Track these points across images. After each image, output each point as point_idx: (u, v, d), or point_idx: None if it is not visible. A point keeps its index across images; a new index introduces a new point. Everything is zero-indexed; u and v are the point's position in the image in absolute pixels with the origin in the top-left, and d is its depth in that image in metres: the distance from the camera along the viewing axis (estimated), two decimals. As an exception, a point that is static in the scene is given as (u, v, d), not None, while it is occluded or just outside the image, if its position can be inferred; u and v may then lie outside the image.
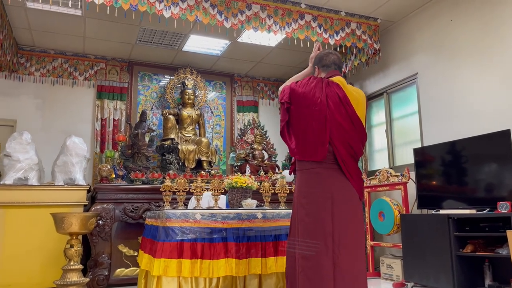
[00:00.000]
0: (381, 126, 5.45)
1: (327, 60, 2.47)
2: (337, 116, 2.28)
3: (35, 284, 4.22)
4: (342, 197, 2.22)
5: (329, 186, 2.22)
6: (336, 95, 2.32)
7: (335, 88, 2.32)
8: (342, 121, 2.29)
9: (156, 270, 2.79)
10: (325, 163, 2.25)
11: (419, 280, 3.83)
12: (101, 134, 5.74)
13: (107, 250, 4.30)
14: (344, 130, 2.28)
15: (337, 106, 2.29)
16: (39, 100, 5.58)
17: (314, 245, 2.13)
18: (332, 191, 2.21)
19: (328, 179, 2.24)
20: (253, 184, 3.59)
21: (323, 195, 2.20)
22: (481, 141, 3.65)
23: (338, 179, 2.25)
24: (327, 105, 2.26)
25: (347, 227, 2.19)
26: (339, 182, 2.24)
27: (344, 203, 2.22)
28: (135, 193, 4.54)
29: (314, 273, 2.10)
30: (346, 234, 2.18)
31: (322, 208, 2.19)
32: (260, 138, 5.89)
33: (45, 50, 5.66)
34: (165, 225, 2.91)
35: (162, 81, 6.24)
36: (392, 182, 4.47)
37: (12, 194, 4.29)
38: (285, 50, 5.78)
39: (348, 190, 2.25)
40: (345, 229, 2.18)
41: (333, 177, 2.25)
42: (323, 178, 2.24)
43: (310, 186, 2.26)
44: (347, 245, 2.16)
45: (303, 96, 2.30)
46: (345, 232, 2.18)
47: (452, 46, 4.30)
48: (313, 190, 2.24)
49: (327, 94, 2.29)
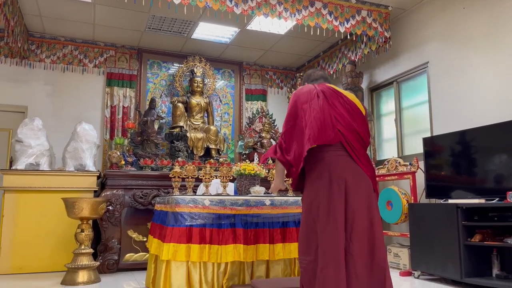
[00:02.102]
0: (390, 115, 5.42)
1: (315, 75, 2.58)
2: (337, 104, 2.32)
3: (46, 267, 4.31)
4: (356, 184, 2.20)
5: (342, 173, 2.20)
6: (330, 89, 2.38)
7: (327, 87, 2.40)
8: (342, 109, 2.33)
9: (165, 254, 2.83)
10: (335, 151, 2.25)
11: (426, 269, 3.83)
12: (111, 121, 5.79)
13: (116, 235, 4.37)
14: (347, 117, 2.31)
15: (334, 97, 2.35)
16: (49, 87, 5.63)
17: (326, 231, 2.12)
18: (345, 177, 2.19)
19: (339, 164, 2.23)
20: (261, 172, 3.60)
21: (336, 181, 2.18)
22: (491, 131, 3.62)
23: (350, 165, 2.24)
24: (324, 97, 2.32)
25: (360, 214, 2.16)
26: (351, 168, 2.23)
27: (358, 190, 2.19)
28: (144, 180, 4.58)
29: (326, 261, 2.09)
30: (359, 222, 2.14)
31: (335, 194, 2.15)
32: (268, 127, 5.89)
33: (55, 37, 5.69)
34: (174, 210, 2.94)
35: (171, 69, 6.25)
36: (401, 172, 4.46)
37: (24, 179, 4.36)
38: (294, 38, 5.74)
39: (361, 177, 2.24)
40: (359, 216, 2.15)
41: (345, 163, 2.24)
42: (334, 165, 2.22)
43: (321, 176, 2.23)
44: (360, 232, 2.13)
45: (299, 96, 2.37)
46: (359, 219, 2.14)
47: (464, 35, 4.24)
48: (325, 177, 2.21)
49: (321, 89, 2.36)
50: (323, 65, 6.21)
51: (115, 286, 3.66)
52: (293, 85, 6.34)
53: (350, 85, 5.31)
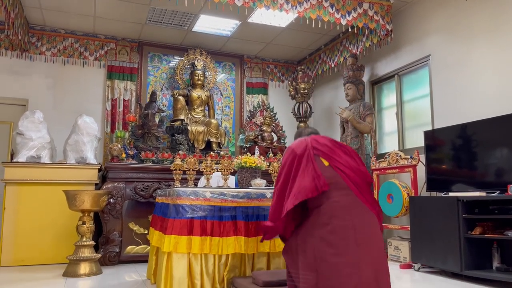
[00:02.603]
0: (391, 108, 5.41)
1: (305, 132, 2.68)
2: (336, 150, 2.38)
3: (48, 259, 4.33)
4: (363, 224, 2.16)
5: (349, 214, 2.16)
6: (322, 137, 2.48)
7: (321, 137, 2.48)
8: (337, 149, 2.39)
9: (166, 246, 2.84)
10: (338, 191, 2.22)
11: (427, 261, 3.85)
12: (112, 114, 5.79)
13: (118, 227, 4.38)
14: (344, 155, 2.37)
15: (327, 140, 2.43)
16: (50, 80, 5.63)
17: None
18: (352, 219, 2.14)
19: (346, 207, 2.19)
20: (262, 164, 3.60)
21: (344, 223, 2.13)
22: (492, 124, 3.61)
23: (356, 206, 2.21)
24: (317, 143, 2.38)
25: (370, 252, 2.12)
26: (357, 209, 2.20)
27: (366, 230, 2.16)
28: (145, 173, 4.59)
29: None
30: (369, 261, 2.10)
31: (345, 237, 2.11)
32: (269, 120, 5.89)
33: (55, 30, 5.67)
34: (176, 202, 2.95)
35: (171, 62, 6.23)
36: (402, 165, 4.46)
37: (25, 172, 4.37)
38: (296, 31, 5.72)
39: (368, 216, 2.21)
40: (369, 255, 2.11)
41: (350, 204, 2.20)
42: (340, 207, 2.18)
43: (328, 217, 2.17)
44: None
45: (292, 150, 2.41)
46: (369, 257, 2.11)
47: (466, 28, 4.23)
48: (333, 221, 2.15)
49: (312, 138, 2.44)
50: (324, 58, 6.20)
51: (117, 278, 3.68)
52: (294, 78, 6.32)
53: (351, 78, 5.30)
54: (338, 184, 2.24)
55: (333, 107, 6.38)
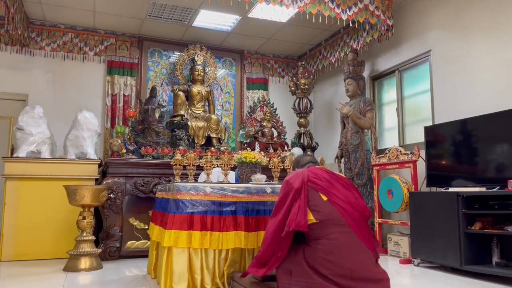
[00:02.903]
0: (392, 104, 5.41)
1: (304, 161, 2.72)
2: (329, 179, 2.41)
3: (48, 254, 4.34)
4: (360, 268, 2.19)
5: (346, 257, 2.18)
6: (320, 168, 2.49)
7: (317, 168, 2.52)
8: (336, 183, 2.40)
9: (166, 241, 2.84)
10: (336, 228, 2.25)
11: (426, 256, 3.85)
12: (112, 109, 5.78)
13: (118, 222, 4.39)
14: (342, 189, 2.39)
15: (325, 173, 2.45)
16: (50, 75, 5.62)
17: None
18: (350, 259, 2.17)
19: (343, 246, 2.21)
20: (262, 160, 3.60)
21: (341, 262, 2.17)
22: (493, 119, 3.61)
23: (353, 245, 2.23)
24: (315, 177, 2.40)
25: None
26: (355, 249, 2.22)
27: (362, 273, 2.19)
28: (145, 168, 4.59)
29: None
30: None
31: (342, 276, 2.15)
32: (269, 116, 5.88)
33: (55, 25, 5.65)
34: (176, 197, 2.95)
35: (171, 57, 6.22)
36: (402, 160, 4.46)
37: (25, 167, 4.37)
38: (296, 26, 5.71)
39: (365, 256, 2.24)
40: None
41: (348, 243, 2.22)
42: (337, 245, 2.21)
43: (326, 254, 2.20)
44: None
45: (290, 184, 2.43)
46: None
47: (467, 23, 4.21)
48: (329, 262, 2.18)
49: (310, 170, 2.46)
50: (325, 54, 6.18)
51: (117, 272, 3.69)
52: (295, 73, 6.30)
53: (351, 74, 5.29)
54: (336, 220, 2.26)
55: (333, 103, 6.37)
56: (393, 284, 3.25)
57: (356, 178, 5.08)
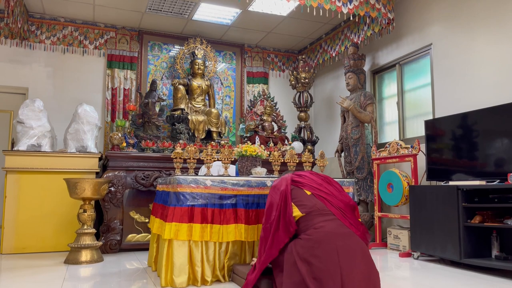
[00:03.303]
0: (392, 98, 5.40)
1: (288, 172, 2.94)
2: (312, 177, 2.67)
3: (49, 247, 4.36)
4: (348, 248, 2.25)
5: (333, 240, 2.27)
6: (305, 171, 2.76)
7: (301, 171, 2.79)
8: (319, 179, 2.67)
9: (167, 233, 2.85)
10: (322, 217, 2.41)
11: (426, 250, 3.86)
12: (112, 103, 5.78)
13: (119, 216, 4.40)
14: (325, 184, 2.63)
15: (308, 173, 2.72)
16: (50, 68, 5.61)
17: None
18: (336, 243, 2.25)
19: (330, 232, 2.32)
20: (262, 153, 3.61)
21: (328, 247, 2.24)
22: (493, 113, 3.61)
23: (339, 230, 2.34)
24: (299, 176, 2.66)
25: (359, 281, 2.18)
26: (341, 233, 2.33)
27: (351, 253, 2.24)
28: (146, 161, 4.59)
29: None
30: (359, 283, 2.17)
31: (329, 261, 2.21)
32: (269, 110, 5.87)
33: (55, 18, 5.64)
34: (176, 190, 2.96)
35: (172, 51, 6.20)
36: (402, 154, 4.46)
37: (26, 160, 4.37)
38: (297, 20, 5.69)
39: (352, 239, 2.32)
40: (359, 284, 2.17)
41: (334, 229, 2.34)
42: (324, 233, 2.32)
43: (313, 243, 2.30)
44: None
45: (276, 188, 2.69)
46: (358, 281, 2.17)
47: (468, 16, 4.20)
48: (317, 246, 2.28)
49: (294, 173, 2.73)
50: (326, 48, 6.17)
51: (118, 265, 3.71)
52: (295, 67, 6.29)
53: (352, 68, 5.28)
54: (321, 210, 2.45)
55: (333, 97, 6.37)
56: (393, 277, 3.27)
57: (356, 172, 5.09)
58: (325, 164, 3.59)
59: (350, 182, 3.53)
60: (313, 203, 2.48)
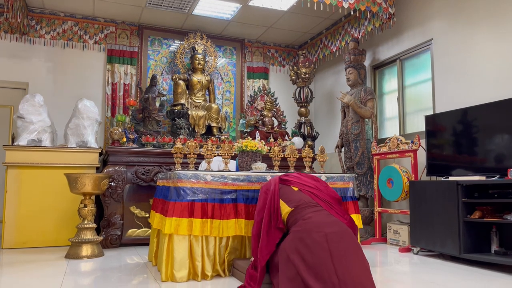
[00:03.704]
0: (393, 93, 5.39)
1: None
2: (299, 175, 2.91)
3: (49, 241, 4.37)
4: (336, 234, 2.34)
5: (322, 228, 2.37)
6: (292, 172, 2.99)
7: (289, 173, 2.99)
8: (305, 177, 2.89)
9: (167, 228, 2.86)
10: (310, 209, 2.56)
11: (426, 245, 3.88)
12: (112, 98, 5.77)
13: (119, 211, 4.41)
14: (311, 181, 2.86)
15: (295, 173, 2.96)
16: (50, 64, 5.59)
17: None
18: (324, 231, 2.34)
19: (318, 222, 2.44)
20: (263, 148, 3.61)
21: (317, 235, 2.33)
22: (493, 108, 3.60)
23: (327, 219, 2.47)
24: (286, 175, 2.91)
25: (348, 262, 2.23)
26: (328, 221, 2.45)
27: (340, 240, 2.32)
28: (146, 157, 4.60)
29: None
30: (349, 270, 2.20)
31: (319, 248, 2.27)
32: (270, 105, 5.87)
33: (55, 13, 5.62)
34: (176, 185, 2.96)
35: (172, 46, 6.19)
36: (402, 150, 4.46)
37: (26, 155, 4.38)
38: (297, 15, 5.67)
39: (339, 225, 2.43)
40: (348, 264, 2.22)
41: (322, 218, 2.47)
42: (312, 222, 2.44)
43: (302, 232, 2.40)
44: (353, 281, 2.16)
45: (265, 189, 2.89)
46: (348, 267, 2.21)
47: (470, 12, 4.18)
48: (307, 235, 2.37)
49: (282, 174, 2.96)
50: (326, 43, 6.15)
51: (119, 260, 3.72)
52: (295, 62, 6.28)
53: (352, 63, 5.27)
54: (308, 202, 2.61)
55: (334, 92, 6.36)
56: (393, 272, 3.28)
57: (356, 167, 5.09)
58: (325, 159, 3.59)
59: (350, 177, 3.54)
60: (300, 197, 2.65)
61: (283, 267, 2.37)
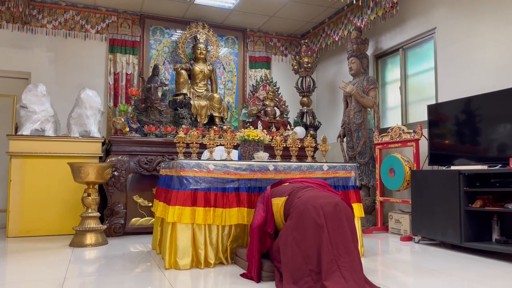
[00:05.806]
0: (395, 83, 5.38)
1: None
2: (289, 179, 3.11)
3: (54, 230, 4.42)
4: (329, 204, 2.46)
5: (316, 200, 2.48)
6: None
7: None
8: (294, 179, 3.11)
9: (170, 217, 2.89)
10: (301, 190, 2.68)
11: (427, 234, 3.90)
12: (114, 88, 5.77)
13: (122, 200, 4.44)
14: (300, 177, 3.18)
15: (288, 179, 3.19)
16: (52, 53, 5.59)
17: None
18: (319, 202, 2.46)
19: (310, 196, 2.55)
20: (265, 138, 3.62)
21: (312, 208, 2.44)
22: (496, 97, 3.59)
23: (319, 193, 2.61)
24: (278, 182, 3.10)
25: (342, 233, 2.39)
26: (322, 195, 2.57)
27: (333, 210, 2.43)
28: (149, 146, 4.62)
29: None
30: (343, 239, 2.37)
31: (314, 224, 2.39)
32: (272, 95, 5.87)
33: (56, 2, 5.59)
34: (179, 174, 2.98)
35: (174, 35, 6.17)
36: (404, 139, 4.46)
37: (30, 145, 4.40)
38: (299, 4, 5.63)
39: (331, 197, 2.54)
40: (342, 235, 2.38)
41: (314, 194, 2.58)
42: (306, 197, 2.55)
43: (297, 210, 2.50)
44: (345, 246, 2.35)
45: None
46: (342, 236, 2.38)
47: (473, 0, 4.15)
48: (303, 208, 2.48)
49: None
50: (328, 32, 6.12)
51: (122, 248, 3.76)
52: (298, 52, 6.26)
53: (355, 52, 5.25)
54: (300, 188, 2.73)
55: (336, 82, 6.34)
56: (394, 260, 3.31)
57: (358, 157, 5.10)
58: (327, 149, 3.60)
59: (352, 166, 3.55)
60: (292, 187, 2.78)
61: (284, 249, 2.43)
